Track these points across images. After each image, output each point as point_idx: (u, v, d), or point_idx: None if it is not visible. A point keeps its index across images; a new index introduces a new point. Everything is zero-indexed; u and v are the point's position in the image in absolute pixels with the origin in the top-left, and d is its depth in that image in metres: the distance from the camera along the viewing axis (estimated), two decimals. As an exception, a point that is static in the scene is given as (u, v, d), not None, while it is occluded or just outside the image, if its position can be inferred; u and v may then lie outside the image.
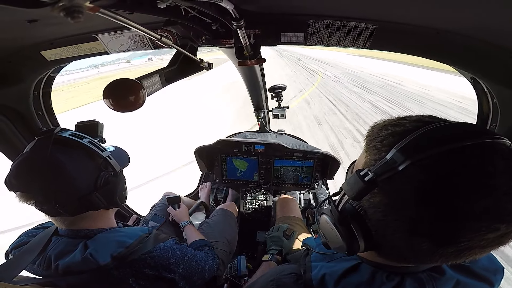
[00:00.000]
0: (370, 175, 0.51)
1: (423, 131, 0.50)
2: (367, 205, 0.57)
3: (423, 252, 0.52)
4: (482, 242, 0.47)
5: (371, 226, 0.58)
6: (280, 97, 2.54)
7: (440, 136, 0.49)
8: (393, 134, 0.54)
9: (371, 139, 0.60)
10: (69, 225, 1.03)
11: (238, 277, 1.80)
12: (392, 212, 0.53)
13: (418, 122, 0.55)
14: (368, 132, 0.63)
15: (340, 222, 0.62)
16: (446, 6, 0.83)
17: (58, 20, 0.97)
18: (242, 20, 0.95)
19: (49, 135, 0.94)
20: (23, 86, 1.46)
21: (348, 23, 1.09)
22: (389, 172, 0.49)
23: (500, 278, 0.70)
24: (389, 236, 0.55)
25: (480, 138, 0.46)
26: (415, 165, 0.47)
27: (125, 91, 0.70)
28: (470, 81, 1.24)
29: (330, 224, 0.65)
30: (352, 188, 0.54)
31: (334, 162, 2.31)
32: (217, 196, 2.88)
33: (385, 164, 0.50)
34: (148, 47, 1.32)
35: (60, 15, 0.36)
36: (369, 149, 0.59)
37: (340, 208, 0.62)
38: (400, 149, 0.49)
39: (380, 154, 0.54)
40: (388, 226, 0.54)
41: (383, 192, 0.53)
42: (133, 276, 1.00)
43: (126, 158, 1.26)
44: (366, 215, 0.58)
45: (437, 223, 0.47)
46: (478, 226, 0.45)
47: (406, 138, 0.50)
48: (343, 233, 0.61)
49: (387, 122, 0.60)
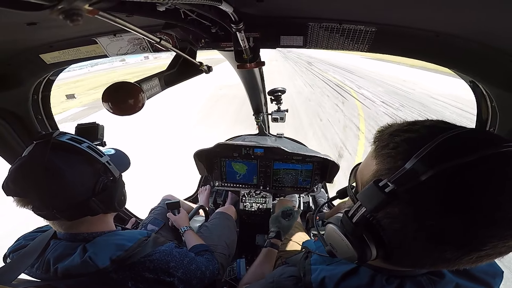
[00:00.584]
0: (390, 186, 0.50)
1: (443, 139, 0.49)
2: (382, 215, 0.55)
3: (444, 259, 0.51)
4: (503, 249, 0.47)
5: (384, 236, 0.56)
6: (280, 101, 2.54)
7: (463, 144, 0.48)
8: (407, 141, 0.53)
9: (381, 145, 0.57)
10: (67, 228, 1.02)
11: (238, 280, 1.79)
12: (412, 222, 0.51)
13: (432, 128, 0.53)
14: (376, 137, 0.61)
15: (353, 233, 0.60)
16: (445, 9, 0.83)
17: (57, 23, 0.97)
18: (241, 23, 0.95)
19: (47, 140, 0.94)
20: (22, 89, 1.46)
21: (347, 26, 1.10)
22: (411, 183, 0.48)
23: (500, 281, 0.70)
24: (406, 246, 0.54)
25: (503, 147, 0.46)
26: (438, 175, 0.46)
27: (124, 95, 0.70)
28: (469, 84, 1.24)
29: (339, 234, 0.62)
30: (372, 201, 0.53)
31: (333, 166, 2.31)
32: (216, 199, 2.87)
33: (405, 174, 0.49)
34: (147, 50, 1.32)
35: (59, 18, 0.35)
36: (380, 156, 0.57)
37: (355, 220, 0.58)
38: (421, 158, 0.48)
39: (396, 163, 0.52)
40: (406, 236, 0.52)
41: (403, 203, 0.51)
42: (132, 279, 0.99)
43: (126, 162, 1.26)
44: (379, 225, 0.56)
45: (463, 231, 0.46)
46: (505, 233, 0.45)
47: (426, 146, 0.48)
48: (356, 244, 0.59)
49: (396, 127, 0.58)
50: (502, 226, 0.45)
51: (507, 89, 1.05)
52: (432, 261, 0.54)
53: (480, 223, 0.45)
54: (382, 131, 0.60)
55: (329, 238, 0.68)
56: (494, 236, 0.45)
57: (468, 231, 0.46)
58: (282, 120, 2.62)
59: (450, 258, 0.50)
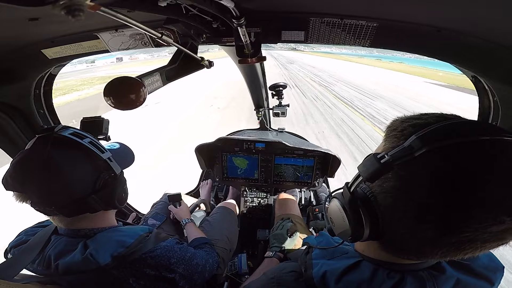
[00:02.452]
0: (386, 158, 0.53)
1: (444, 123, 0.52)
2: (378, 190, 0.59)
3: (426, 241, 0.54)
4: (485, 235, 0.48)
5: (379, 212, 0.59)
6: (281, 95, 2.54)
7: (460, 129, 0.51)
8: (414, 125, 0.56)
9: (391, 129, 0.62)
10: (67, 224, 1.02)
11: (239, 275, 1.81)
12: (402, 197, 0.54)
13: (440, 117, 0.57)
14: (390, 123, 0.65)
15: (350, 205, 0.63)
16: (446, 3, 0.83)
17: (59, 19, 0.97)
18: (242, 18, 0.95)
19: (49, 134, 0.93)
20: (24, 84, 1.46)
21: (348, 21, 1.09)
22: (406, 157, 0.51)
23: (500, 276, 0.70)
24: (395, 223, 0.57)
25: (499, 135, 0.48)
26: (432, 153, 0.49)
27: (126, 89, 0.70)
28: (471, 79, 1.23)
29: (339, 207, 0.67)
30: (368, 169, 0.56)
31: (334, 160, 2.31)
32: (217, 194, 2.89)
33: (402, 149, 0.52)
34: (149, 45, 1.32)
35: (61, 13, 0.36)
36: (388, 138, 0.61)
37: (353, 189, 0.63)
38: (419, 137, 0.51)
39: (398, 142, 0.56)
40: (396, 211, 0.56)
41: (397, 176, 0.54)
42: (134, 276, 1.00)
43: (130, 157, 1.25)
44: (375, 201, 0.60)
45: (446, 211, 0.48)
46: (485, 216, 0.46)
47: (427, 128, 0.52)
48: (351, 217, 0.63)
49: (409, 116, 0.62)
50: (482, 208, 0.46)
51: (509, 83, 1.05)
52: (416, 243, 0.56)
53: (461, 204, 0.47)
54: (396, 120, 0.64)
55: (330, 212, 0.73)
56: (474, 218, 0.47)
57: (448, 211, 0.48)
58: (283, 115, 2.62)
59: (430, 240, 0.52)
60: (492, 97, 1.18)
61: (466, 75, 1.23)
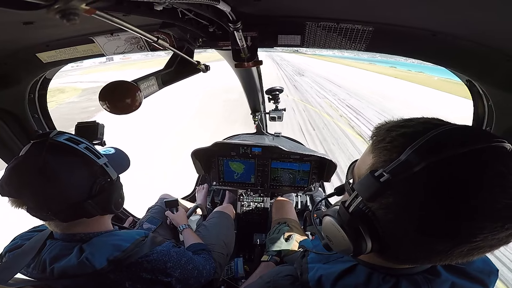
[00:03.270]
0: (385, 176, 0.51)
1: (436, 132, 0.51)
2: (376, 206, 0.56)
3: (437, 252, 0.53)
4: (493, 241, 0.48)
5: (379, 227, 0.57)
6: (277, 99, 2.54)
7: (455, 138, 0.50)
8: (403, 135, 0.54)
9: (377, 139, 0.59)
10: (63, 229, 1.01)
11: (235, 279, 1.80)
12: (405, 213, 0.52)
13: (426, 123, 0.55)
14: (373, 132, 0.63)
15: (349, 225, 0.61)
16: (442, 8, 0.84)
17: (54, 22, 0.96)
18: (239, 23, 0.95)
19: (44, 140, 0.93)
20: (19, 88, 1.45)
21: (344, 25, 1.10)
22: (405, 173, 0.49)
23: (495, 280, 0.70)
24: (400, 238, 0.56)
25: (492, 142, 0.48)
26: (431, 166, 0.48)
27: (122, 94, 0.70)
28: (466, 84, 1.24)
29: (336, 226, 0.64)
30: (367, 189, 0.54)
31: (330, 165, 2.31)
32: (214, 198, 2.87)
33: (400, 164, 0.50)
34: (144, 49, 1.32)
35: (56, 17, 0.35)
36: (376, 150, 0.59)
37: (352, 209, 0.60)
38: (415, 150, 0.49)
39: (391, 155, 0.54)
40: (399, 227, 0.54)
41: (397, 193, 0.52)
42: (130, 279, 0.99)
43: (125, 162, 1.25)
44: (374, 217, 0.57)
45: (453, 222, 0.47)
46: (494, 225, 0.46)
47: (420, 139, 0.50)
48: (351, 235, 0.60)
49: (393, 123, 0.60)
50: (491, 218, 0.46)
51: (504, 88, 1.06)
52: (424, 253, 0.55)
53: (469, 214, 0.46)
54: (380, 127, 0.62)
55: (325, 230, 0.70)
56: (484, 227, 0.46)
57: (457, 223, 0.47)
58: (279, 119, 2.62)
59: (442, 250, 0.51)
60: (486, 101, 1.19)
61: (461, 80, 1.24)
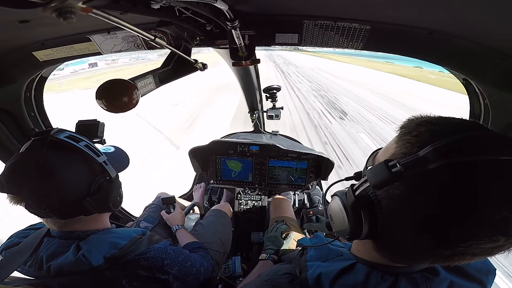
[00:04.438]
0: (398, 167, 0.50)
1: (463, 136, 0.49)
2: (383, 195, 0.57)
3: (421, 250, 0.54)
4: (477, 250, 0.48)
5: (380, 216, 0.58)
6: (275, 98, 2.54)
7: (479, 144, 0.48)
8: (430, 132, 0.53)
9: (405, 131, 0.59)
10: (61, 226, 1.01)
11: (233, 278, 1.80)
12: (408, 207, 0.53)
13: (459, 126, 0.54)
14: (404, 123, 0.62)
15: (352, 207, 0.63)
16: (438, 7, 0.84)
17: (51, 21, 0.96)
18: (236, 21, 0.95)
19: (44, 137, 0.92)
20: (15, 87, 1.44)
21: (342, 24, 1.10)
22: (418, 169, 0.49)
23: (492, 279, 0.71)
24: (396, 229, 0.57)
25: None
26: (447, 168, 0.47)
27: (119, 92, 0.70)
28: (462, 82, 1.25)
29: (340, 206, 0.66)
30: (376, 177, 0.54)
31: (328, 163, 2.32)
32: (211, 197, 2.87)
33: (416, 159, 0.49)
34: (141, 47, 1.31)
35: (52, 16, 0.35)
36: (401, 141, 0.58)
37: (358, 193, 0.62)
38: (436, 149, 0.48)
39: (412, 149, 0.53)
40: (399, 218, 0.55)
41: (405, 186, 0.52)
42: (127, 277, 0.99)
43: (125, 160, 1.25)
44: (379, 204, 0.58)
45: (450, 224, 0.48)
46: (483, 235, 0.46)
47: (445, 139, 0.49)
48: (352, 217, 0.62)
49: (426, 119, 0.59)
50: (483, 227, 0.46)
51: (499, 86, 1.06)
52: (411, 249, 0.57)
53: (466, 220, 0.47)
54: (411, 120, 0.61)
55: (330, 209, 0.73)
56: (472, 234, 0.47)
57: (451, 225, 0.48)
58: (277, 118, 2.61)
59: (426, 250, 0.53)
60: (482, 100, 1.20)
61: (457, 78, 1.25)
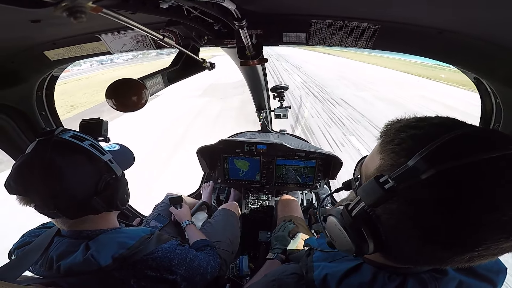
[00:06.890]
0: (390, 183, 0.49)
1: (448, 138, 0.47)
2: (381, 210, 0.55)
3: (437, 258, 0.52)
4: (496, 251, 0.47)
5: (382, 231, 0.56)
6: (282, 97, 2.53)
7: (468, 144, 0.47)
8: (412, 138, 0.52)
9: (387, 140, 0.57)
10: (70, 226, 1.02)
11: (240, 277, 1.80)
12: (408, 220, 0.51)
13: (439, 126, 0.53)
14: (383, 131, 0.61)
15: (352, 228, 0.60)
16: (448, 6, 0.83)
17: (61, 20, 0.97)
18: (244, 20, 0.95)
19: (49, 137, 0.93)
20: (26, 86, 1.47)
21: (350, 23, 1.09)
22: (411, 180, 0.47)
23: (503, 278, 0.69)
24: (402, 242, 0.55)
25: (506, 149, 0.45)
26: (440, 175, 0.45)
27: (128, 91, 0.70)
28: (473, 81, 1.23)
29: (338, 226, 0.63)
30: (370, 196, 0.53)
31: (336, 162, 2.30)
32: (219, 196, 2.88)
33: (406, 171, 0.48)
34: (150, 47, 1.32)
35: (63, 15, 0.36)
36: (384, 151, 0.57)
37: (354, 213, 0.59)
38: (424, 157, 0.47)
39: (399, 159, 0.52)
40: (402, 233, 0.53)
41: (401, 200, 0.50)
42: (135, 277, 1.00)
43: (130, 158, 1.25)
44: (378, 220, 0.56)
45: (457, 232, 0.46)
46: (498, 236, 0.45)
47: (431, 144, 0.47)
48: (353, 237, 0.60)
49: (404, 123, 0.57)
50: (497, 229, 0.44)
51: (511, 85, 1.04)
52: (424, 259, 0.55)
53: (475, 227, 0.45)
54: (390, 126, 0.60)
55: (329, 230, 0.70)
56: (487, 238, 0.45)
57: (461, 233, 0.46)
58: (284, 117, 2.61)
59: (442, 257, 0.51)
60: (494, 99, 1.18)
61: (468, 77, 1.23)
